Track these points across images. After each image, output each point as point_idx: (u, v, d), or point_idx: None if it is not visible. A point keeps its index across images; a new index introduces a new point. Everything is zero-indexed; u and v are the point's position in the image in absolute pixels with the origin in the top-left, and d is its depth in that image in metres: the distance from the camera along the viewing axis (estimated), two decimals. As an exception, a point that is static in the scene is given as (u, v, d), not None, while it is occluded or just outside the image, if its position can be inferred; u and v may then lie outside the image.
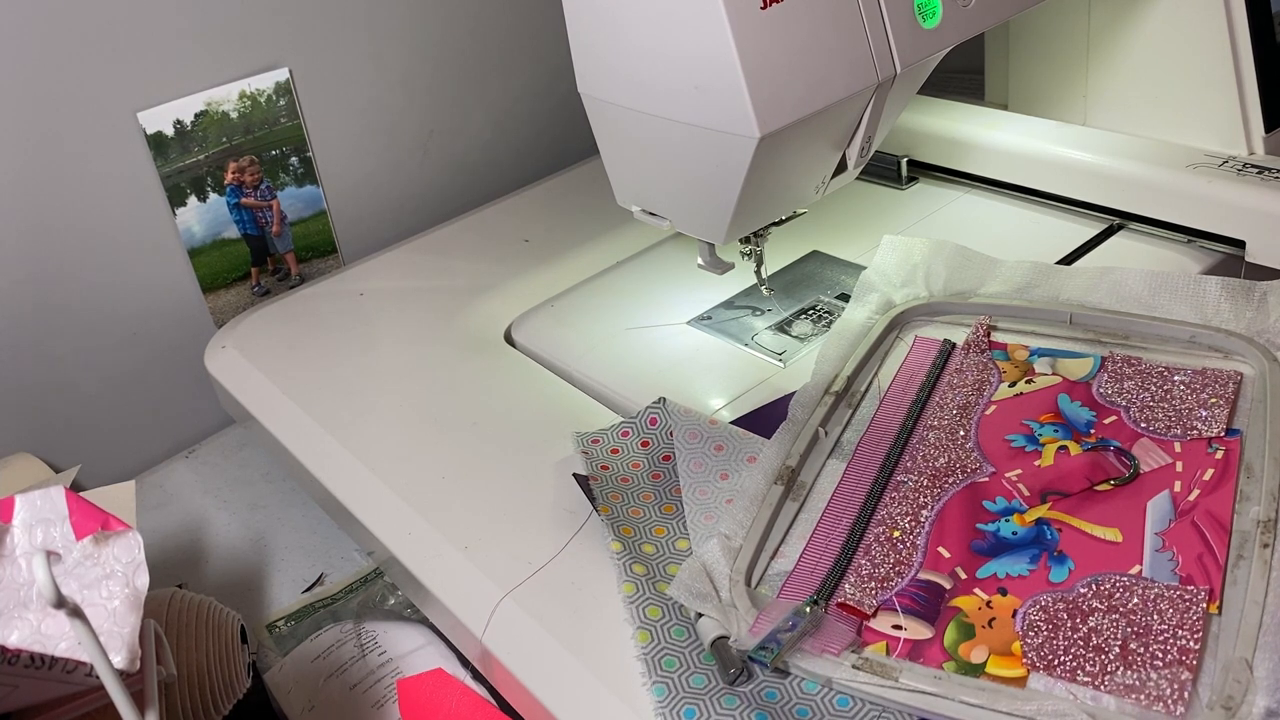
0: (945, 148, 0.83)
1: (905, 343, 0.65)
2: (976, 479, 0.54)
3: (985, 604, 0.47)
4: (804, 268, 0.76)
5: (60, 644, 0.41)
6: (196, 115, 0.79)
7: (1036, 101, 0.85)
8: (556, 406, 0.65)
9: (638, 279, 0.78)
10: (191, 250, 0.82)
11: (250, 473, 0.80)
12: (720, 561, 0.49)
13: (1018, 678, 0.43)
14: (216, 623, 0.54)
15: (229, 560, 0.72)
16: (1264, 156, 0.72)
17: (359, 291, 0.80)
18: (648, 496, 0.56)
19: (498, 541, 0.55)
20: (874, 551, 0.51)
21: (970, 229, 0.77)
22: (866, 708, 0.44)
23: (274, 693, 0.59)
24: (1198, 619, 0.44)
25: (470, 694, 0.54)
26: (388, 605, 0.65)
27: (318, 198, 0.87)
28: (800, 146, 0.56)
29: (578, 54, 0.58)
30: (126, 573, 0.43)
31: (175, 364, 0.83)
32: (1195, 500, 0.50)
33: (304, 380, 0.70)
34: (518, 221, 0.88)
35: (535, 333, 0.74)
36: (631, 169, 0.62)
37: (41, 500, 0.44)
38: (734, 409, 0.62)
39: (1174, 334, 0.60)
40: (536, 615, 0.50)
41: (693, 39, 0.51)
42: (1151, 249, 0.72)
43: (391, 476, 0.61)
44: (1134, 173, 0.72)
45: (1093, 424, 0.56)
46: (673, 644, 0.47)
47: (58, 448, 0.79)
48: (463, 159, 0.96)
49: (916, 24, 0.57)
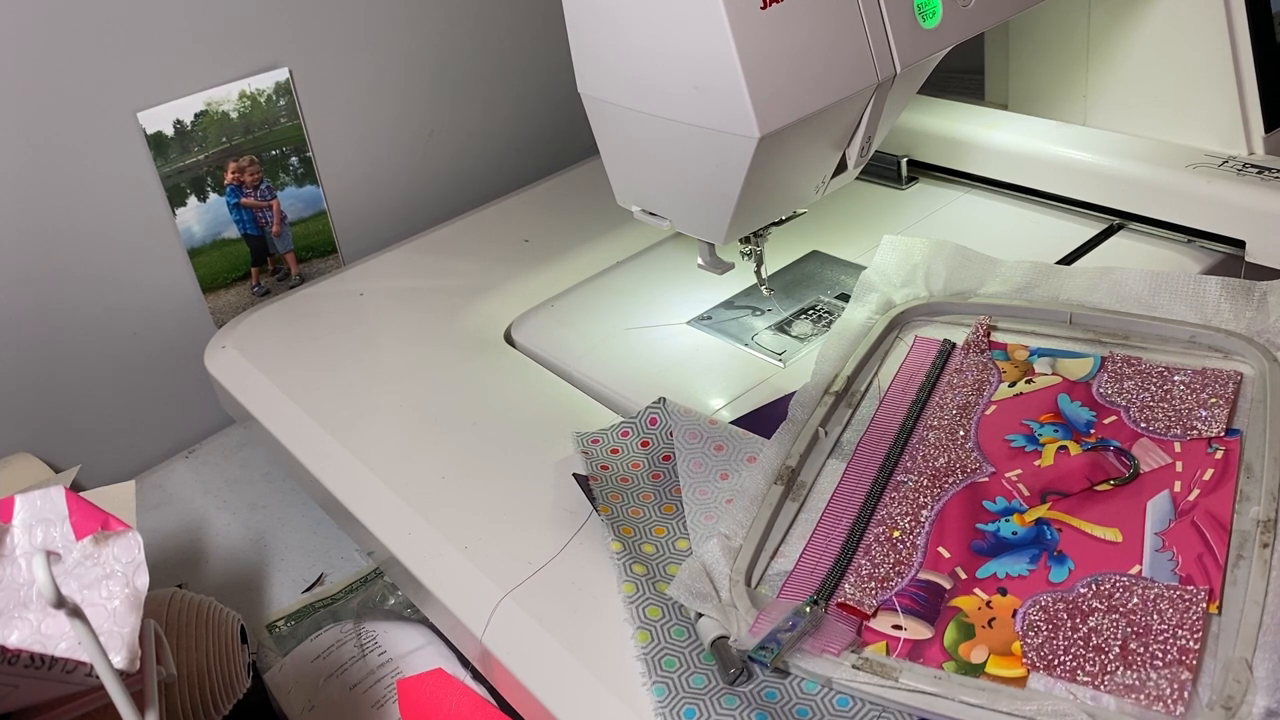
0: (945, 148, 0.83)
1: (905, 343, 0.65)
2: (976, 479, 0.54)
3: (985, 604, 0.47)
4: (804, 268, 0.76)
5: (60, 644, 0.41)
6: (196, 115, 0.79)
7: (1036, 101, 0.85)
8: (556, 406, 0.65)
9: (638, 279, 0.78)
10: (191, 250, 0.82)
11: (250, 473, 0.80)
12: (720, 561, 0.49)
13: (1018, 678, 0.43)
14: (216, 623, 0.54)
15: (229, 560, 0.72)
16: (1264, 156, 0.72)
17: (359, 291, 0.80)
18: (648, 496, 0.56)
19: (498, 541, 0.55)
20: (874, 551, 0.51)
21: (970, 229, 0.77)
22: (866, 708, 0.44)
23: (274, 693, 0.59)
24: (1198, 619, 0.44)
25: (470, 694, 0.54)
26: (388, 605, 0.65)
27: (318, 198, 0.87)
28: (800, 146, 0.56)
29: (578, 54, 0.58)
30: (126, 573, 0.43)
31: (175, 364, 0.83)
32: (1195, 500, 0.50)
33: (304, 380, 0.70)
34: (518, 221, 0.88)
35: (535, 333, 0.74)
36: (631, 169, 0.62)
37: (41, 500, 0.44)
38: (734, 409, 0.62)
39: (1174, 334, 0.60)
40: (536, 615, 0.50)
41: (693, 39, 0.51)
42: (1151, 249, 0.72)
43: (391, 476, 0.61)
44: (1134, 173, 0.72)
45: (1093, 424, 0.56)
46: (673, 644, 0.47)
47: (58, 448, 0.79)
48: (463, 159, 0.96)
49: (916, 24, 0.57)
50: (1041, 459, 0.54)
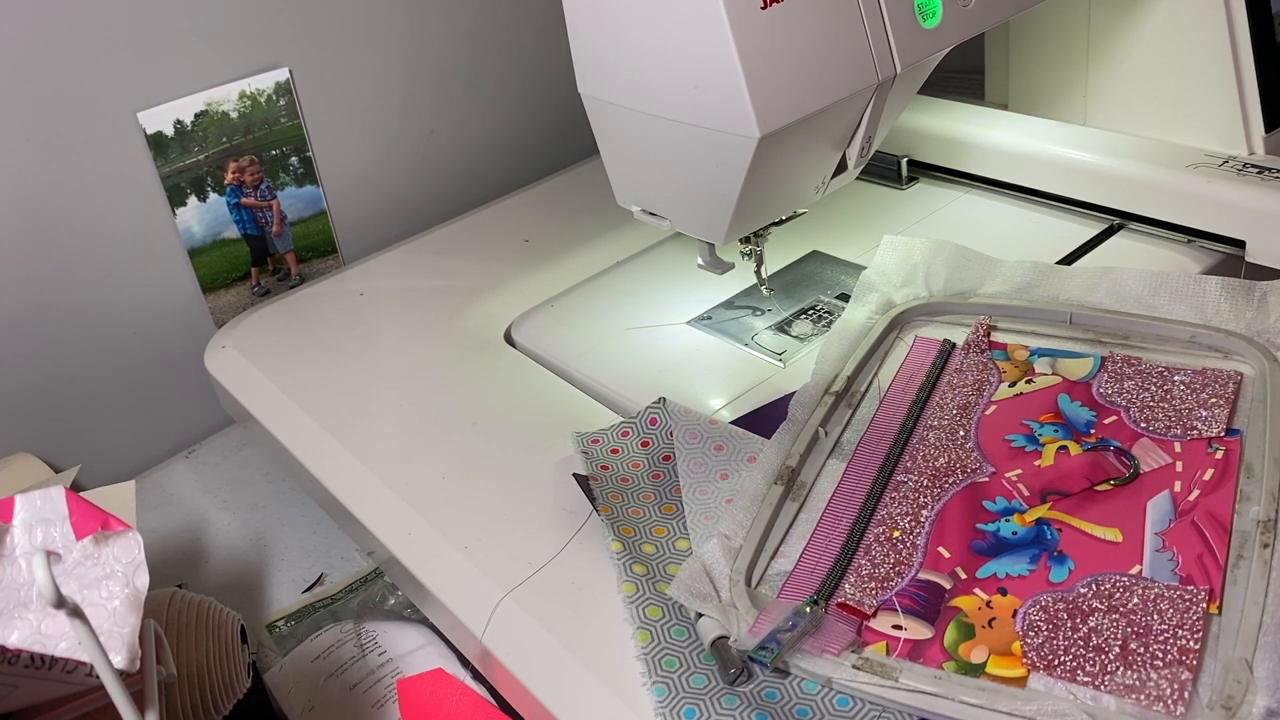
0: (945, 148, 0.83)
1: (905, 343, 0.65)
2: (976, 479, 0.54)
3: (985, 604, 0.47)
4: (804, 268, 0.76)
5: (60, 644, 0.41)
6: (196, 115, 0.79)
7: (1036, 101, 0.85)
8: (556, 406, 0.65)
9: (638, 279, 0.78)
10: (191, 250, 0.82)
11: (250, 473, 0.80)
12: (720, 561, 0.49)
13: (1018, 678, 0.43)
14: (216, 623, 0.54)
15: (229, 560, 0.72)
16: (1264, 156, 0.72)
17: (359, 291, 0.80)
18: (648, 496, 0.56)
19: (498, 541, 0.55)
20: (874, 551, 0.51)
21: (970, 229, 0.77)
22: (866, 708, 0.44)
23: (274, 693, 0.59)
24: (1198, 619, 0.44)
25: (470, 694, 0.54)
26: (388, 605, 0.65)
27: (318, 198, 0.87)
28: (800, 146, 0.56)
29: (578, 54, 0.58)
30: (126, 573, 0.43)
31: (175, 364, 0.83)
32: (1195, 500, 0.50)
33: (304, 380, 0.70)
34: (518, 221, 0.88)
35: (535, 333, 0.74)
36: (631, 169, 0.62)
37: (41, 500, 0.44)
38: (734, 409, 0.62)
39: (1174, 334, 0.60)
40: (536, 615, 0.50)
41: (693, 39, 0.51)
42: (1151, 249, 0.72)
43: (391, 476, 0.61)
44: (1134, 173, 0.72)
45: (1093, 424, 0.56)
46: (673, 644, 0.47)
47: (58, 448, 0.79)
48: (463, 159, 0.96)
49: (916, 24, 0.57)
50: (1041, 459, 0.54)
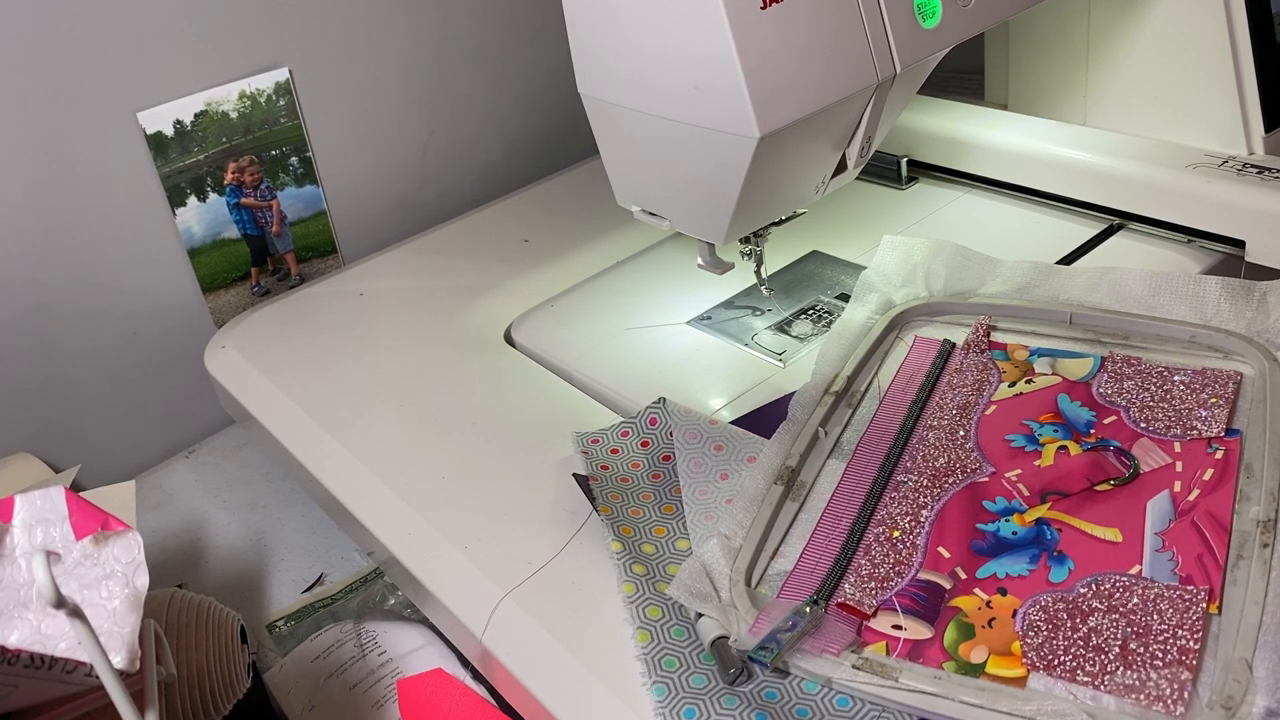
0: (945, 148, 0.83)
1: (905, 343, 0.65)
2: (976, 479, 0.54)
3: (985, 604, 0.47)
4: (804, 268, 0.76)
5: (60, 644, 0.41)
6: (196, 115, 0.79)
7: (1036, 101, 0.85)
8: (556, 406, 0.65)
9: (638, 279, 0.78)
10: (191, 250, 0.82)
11: (250, 473, 0.80)
12: (720, 561, 0.49)
13: (1018, 678, 0.43)
14: (216, 623, 0.54)
15: (229, 560, 0.72)
16: (1264, 156, 0.72)
17: (359, 291, 0.80)
18: (647, 496, 0.56)
19: (498, 541, 0.55)
20: (874, 551, 0.51)
21: (970, 229, 0.77)
22: (866, 708, 0.44)
23: (274, 693, 0.59)
24: (1198, 619, 0.44)
25: (470, 694, 0.54)
26: (388, 605, 0.65)
27: (318, 198, 0.87)
28: (800, 146, 0.56)
29: (578, 54, 0.58)
30: (126, 573, 0.43)
31: (175, 364, 0.83)
32: (1195, 500, 0.50)
33: (304, 380, 0.70)
34: (518, 221, 0.88)
35: (535, 333, 0.74)
36: (631, 169, 0.62)
37: (41, 500, 0.44)
38: (734, 409, 0.62)
39: (1174, 334, 0.60)
40: (536, 615, 0.50)
41: (693, 39, 0.51)
42: (1151, 249, 0.72)
43: (391, 476, 0.61)
44: (1134, 173, 0.72)
45: (1093, 424, 0.56)
46: (673, 644, 0.47)
47: (58, 448, 0.79)
48: (463, 159, 0.96)
49: (916, 24, 0.57)
50: (1041, 459, 0.54)
